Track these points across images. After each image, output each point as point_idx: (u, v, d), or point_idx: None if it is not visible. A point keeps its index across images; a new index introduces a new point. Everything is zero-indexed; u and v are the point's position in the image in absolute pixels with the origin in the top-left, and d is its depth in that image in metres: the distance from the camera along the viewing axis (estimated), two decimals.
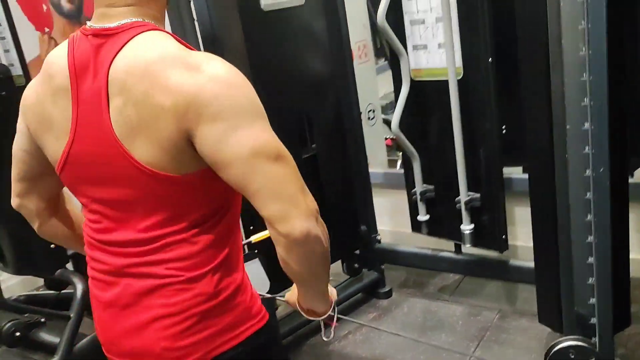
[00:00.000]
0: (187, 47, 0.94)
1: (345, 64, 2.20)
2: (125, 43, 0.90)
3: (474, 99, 1.90)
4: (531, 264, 1.75)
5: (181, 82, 0.85)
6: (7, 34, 2.21)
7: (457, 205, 2.05)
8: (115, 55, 0.89)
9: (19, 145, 1.08)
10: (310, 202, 0.90)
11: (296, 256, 0.91)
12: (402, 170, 2.34)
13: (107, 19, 0.94)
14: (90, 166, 0.96)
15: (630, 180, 1.60)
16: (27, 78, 2.26)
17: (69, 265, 2.45)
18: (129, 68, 0.88)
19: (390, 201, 2.83)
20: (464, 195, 2.01)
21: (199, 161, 0.91)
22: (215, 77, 0.86)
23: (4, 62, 2.29)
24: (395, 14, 1.98)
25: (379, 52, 3.39)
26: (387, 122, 4.01)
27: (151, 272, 0.95)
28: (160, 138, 0.88)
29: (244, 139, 0.86)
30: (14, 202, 1.13)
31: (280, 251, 0.91)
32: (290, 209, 0.88)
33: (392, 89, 2.19)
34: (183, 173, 0.92)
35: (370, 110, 3.22)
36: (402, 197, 2.39)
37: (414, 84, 2.06)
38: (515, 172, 2.27)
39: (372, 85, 3.04)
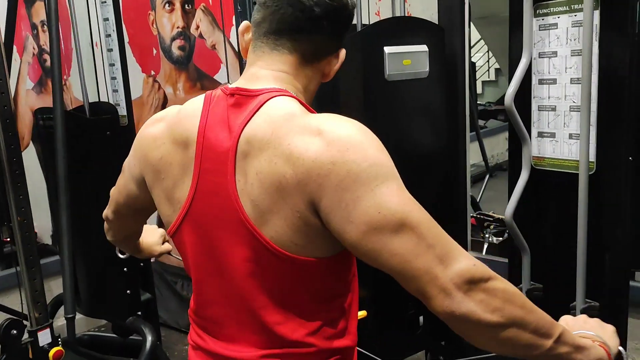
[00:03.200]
0: (312, 111, 0.88)
1: (457, 139, 2.09)
2: (258, 109, 0.85)
3: (605, 198, 1.73)
4: None
5: (301, 149, 0.79)
6: (119, 75, 2.23)
7: (572, 311, 1.84)
8: (247, 122, 0.84)
9: (124, 181, 1.07)
10: (455, 272, 0.76)
11: (460, 332, 0.78)
12: (489, 257, 2.17)
13: (253, 81, 0.90)
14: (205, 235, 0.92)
15: None
16: (131, 119, 2.27)
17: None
18: (257, 135, 0.83)
19: None
20: (580, 302, 1.80)
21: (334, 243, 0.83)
22: (333, 141, 0.79)
23: (111, 101, 2.31)
24: (522, 98, 1.86)
25: None
26: (472, 199, 3.86)
27: None
28: (285, 211, 0.81)
29: (362, 215, 0.77)
30: (105, 213, 1.21)
31: None
32: (426, 289, 0.76)
33: (475, 160, 2.07)
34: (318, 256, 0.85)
35: None
36: None
37: (532, 172, 1.90)
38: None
39: (467, 158, 2.91)
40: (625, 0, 1.59)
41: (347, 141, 0.79)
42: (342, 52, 0.96)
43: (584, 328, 0.91)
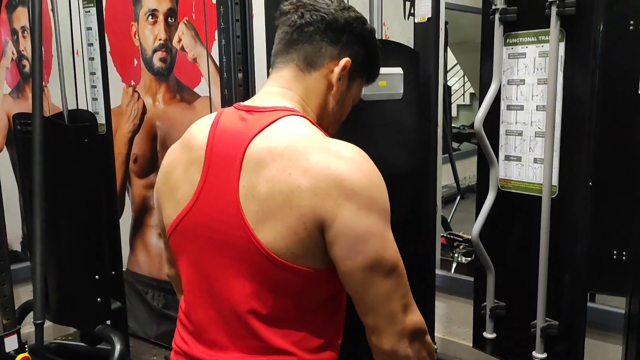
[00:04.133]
0: (325, 134, 0.93)
1: (428, 160, 2.15)
2: (270, 123, 0.89)
3: (566, 221, 1.81)
4: None
5: (322, 167, 0.83)
6: (100, 84, 2.26)
7: (532, 329, 1.90)
8: (258, 133, 0.89)
9: (162, 227, 1.07)
10: (410, 323, 0.88)
11: None
12: (457, 276, 2.24)
13: (264, 98, 0.96)
14: (204, 236, 0.94)
15: None
16: (109, 128, 2.29)
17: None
18: (269, 146, 0.87)
19: (444, 307, 2.70)
20: (541, 320, 1.87)
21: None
22: (359, 170, 0.85)
23: (90, 109, 2.33)
24: (491, 122, 1.94)
25: None
26: (443, 219, 3.94)
27: None
28: (290, 219, 0.85)
29: (370, 249, 0.84)
30: (166, 270, 1.17)
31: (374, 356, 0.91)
32: (383, 326, 0.87)
33: (447, 182, 2.14)
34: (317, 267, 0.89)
35: None
36: (456, 304, 2.27)
37: (499, 193, 1.98)
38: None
39: (438, 180, 2.98)
40: (587, 35, 1.69)
41: (372, 175, 0.87)
42: (343, 60, 0.99)
43: None
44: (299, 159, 0.84)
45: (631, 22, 2.28)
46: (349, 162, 0.85)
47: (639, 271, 1.45)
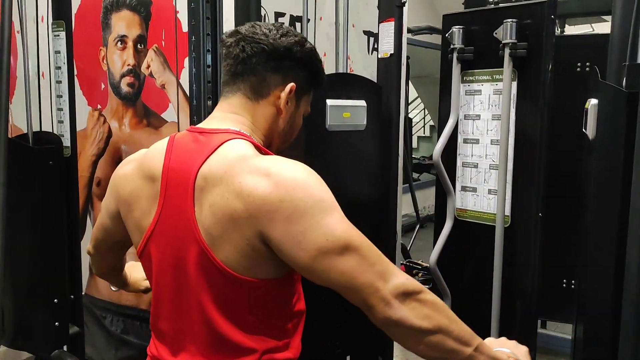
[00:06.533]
0: (266, 152, 1.00)
1: (389, 189, 2.22)
2: (216, 147, 0.96)
3: (518, 250, 1.90)
4: None
5: (251, 188, 0.90)
6: (66, 107, 2.26)
7: None
8: (205, 159, 0.96)
9: (101, 219, 1.18)
10: (392, 286, 0.89)
11: (394, 336, 0.91)
12: None
13: (215, 121, 1.04)
14: (167, 260, 1.01)
15: None
16: (74, 150, 2.28)
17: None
18: (212, 172, 0.94)
19: None
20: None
21: (282, 266, 0.94)
22: (280, 182, 0.90)
23: (55, 131, 2.32)
24: (449, 154, 2.03)
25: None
26: (403, 248, 4.02)
27: None
28: (236, 239, 0.91)
29: (312, 243, 0.89)
30: (87, 248, 1.29)
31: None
32: (368, 299, 0.89)
33: (407, 211, 2.20)
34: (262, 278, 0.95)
35: None
36: None
37: (456, 222, 2.07)
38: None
39: (398, 209, 3.05)
40: (537, 75, 1.81)
41: (293, 181, 0.91)
42: (288, 86, 1.05)
43: (503, 346, 1.06)
44: (233, 182, 0.91)
45: (578, 64, 2.45)
46: (274, 177, 0.91)
47: (582, 299, 1.53)
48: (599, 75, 1.39)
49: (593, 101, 1.38)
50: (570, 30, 4.32)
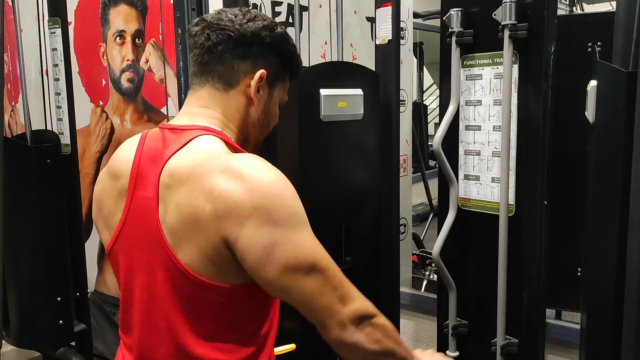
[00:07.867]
0: (237, 149, 0.95)
1: (391, 178, 2.17)
2: (184, 145, 0.92)
3: (523, 239, 1.83)
4: None
5: (222, 189, 0.86)
6: (65, 104, 2.25)
7: (492, 347, 1.92)
8: (171, 156, 0.92)
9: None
10: (350, 311, 0.89)
11: (344, 356, 0.93)
12: (426, 294, 2.24)
13: (185, 117, 0.99)
14: (133, 262, 0.98)
15: None
16: (75, 148, 2.28)
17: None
18: (178, 169, 0.90)
19: (412, 325, 2.70)
20: (501, 338, 1.89)
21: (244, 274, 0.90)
22: (255, 187, 0.86)
23: (55, 129, 2.32)
24: (451, 142, 1.97)
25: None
26: (416, 237, 3.96)
27: None
28: (200, 241, 0.88)
29: (280, 257, 0.86)
30: None
31: None
32: (324, 320, 0.89)
33: (422, 200, 2.15)
34: (230, 283, 0.91)
35: (402, 225, 3.16)
36: (425, 323, 2.28)
37: (459, 212, 2.00)
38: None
39: (408, 199, 3.00)
40: (539, 58, 1.73)
41: (268, 189, 0.87)
42: (258, 73, 0.99)
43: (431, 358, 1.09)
44: (203, 181, 0.87)
45: (589, 44, 2.35)
46: (248, 180, 0.87)
47: (588, 287, 1.47)
48: (597, 55, 1.32)
49: (592, 82, 1.31)
50: (589, 9, 4.17)
